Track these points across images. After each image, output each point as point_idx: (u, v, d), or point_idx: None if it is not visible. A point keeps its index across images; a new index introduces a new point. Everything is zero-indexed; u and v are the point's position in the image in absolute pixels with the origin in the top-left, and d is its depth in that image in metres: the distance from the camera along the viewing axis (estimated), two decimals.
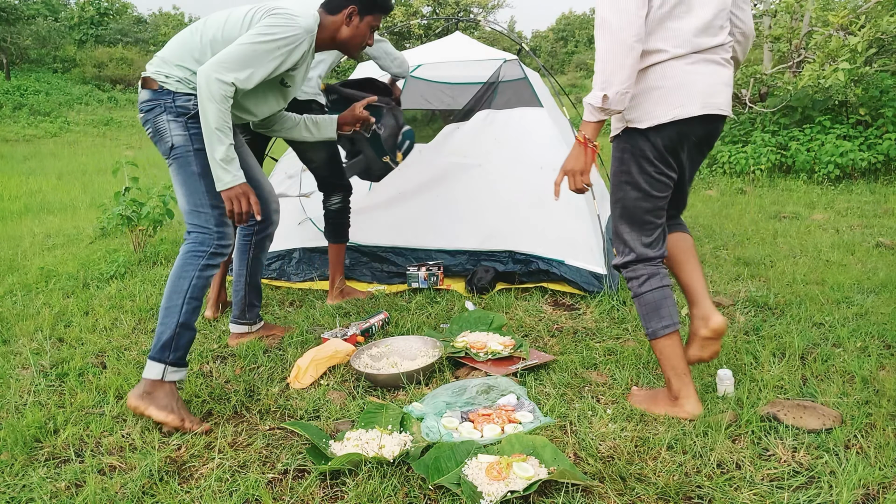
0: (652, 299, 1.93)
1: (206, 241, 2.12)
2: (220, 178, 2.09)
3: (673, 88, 1.79)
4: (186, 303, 2.05)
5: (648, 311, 1.93)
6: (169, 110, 2.12)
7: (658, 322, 1.92)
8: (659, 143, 1.84)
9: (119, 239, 4.88)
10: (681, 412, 1.88)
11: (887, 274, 3.22)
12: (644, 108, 1.82)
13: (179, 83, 2.12)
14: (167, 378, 1.97)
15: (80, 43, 30.58)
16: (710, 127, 1.88)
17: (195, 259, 2.11)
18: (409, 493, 1.56)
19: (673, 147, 1.86)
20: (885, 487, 1.51)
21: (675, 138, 1.84)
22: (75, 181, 9.70)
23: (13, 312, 3.12)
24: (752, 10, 10.91)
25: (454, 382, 2.15)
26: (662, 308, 1.92)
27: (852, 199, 5.87)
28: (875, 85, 7.25)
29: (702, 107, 1.80)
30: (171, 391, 1.97)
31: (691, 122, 1.82)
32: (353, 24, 2.32)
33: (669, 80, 1.79)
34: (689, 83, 1.79)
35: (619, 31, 1.70)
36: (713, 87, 1.82)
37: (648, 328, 1.93)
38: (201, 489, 1.60)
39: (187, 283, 2.07)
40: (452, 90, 4.93)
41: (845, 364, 2.19)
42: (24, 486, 1.64)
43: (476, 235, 3.35)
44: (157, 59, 2.18)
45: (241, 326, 2.66)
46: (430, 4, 27.28)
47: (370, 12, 2.34)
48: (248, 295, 2.64)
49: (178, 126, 2.12)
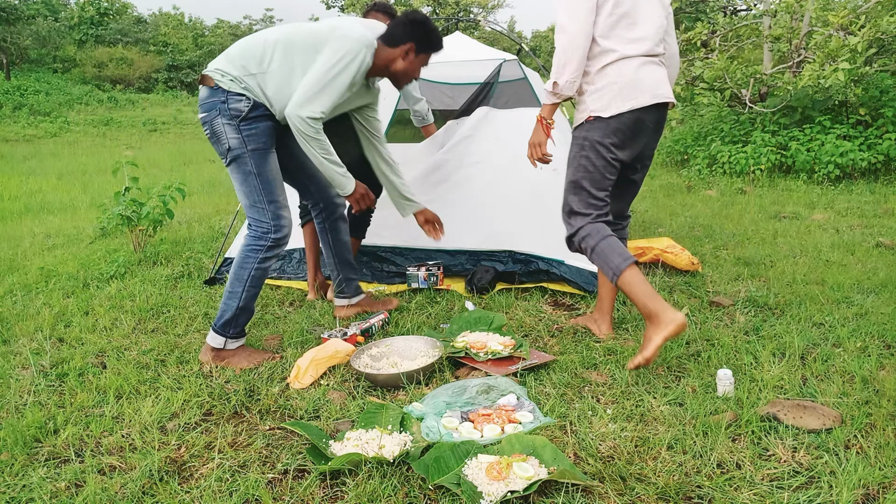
0: (603, 247, 2.21)
1: (263, 235, 2.38)
2: (343, 186, 2.50)
3: (628, 84, 2.18)
4: (246, 290, 2.37)
5: (604, 257, 2.19)
6: (223, 113, 2.31)
7: (615, 260, 2.16)
8: (617, 129, 2.21)
9: (119, 239, 4.88)
10: (668, 327, 2.02)
11: (887, 274, 3.22)
12: (606, 100, 2.19)
13: (233, 82, 2.30)
14: (228, 347, 2.37)
15: (80, 43, 30.58)
16: (660, 113, 2.30)
17: (255, 252, 2.38)
18: (409, 493, 1.56)
19: (630, 132, 2.22)
20: (885, 487, 1.51)
21: (631, 124, 2.21)
22: (75, 181, 9.70)
23: (13, 312, 3.12)
24: (752, 10, 10.91)
25: (454, 382, 2.15)
26: (614, 250, 2.19)
27: (852, 199, 5.87)
28: (875, 85, 7.24)
29: (652, 97, 2.21)
30: (241, 349, 2.40)
31: (646, 110, 2.21)
32: (409, 60, 2.50)
33: (624, 77, 2.18)
34: (639, 79, 2.19)
35: (573, 33, 2.13)
36: (658, 81, 2.24)
37: (610, 270, 2.17)
38: (201, 489, 1.60)
39: (247, 273, 2.37)
40: (452, 90, 4.93)
41: (845, 364, 2.19)
42: (24, 486, 1.64)
43: (476, 235, 3.34)
44: (221, 57, 2.38)
45: (342, 300, 2.92)
46: (430, 4, 27.27)
47: (426, 51, 2.53)
48: (340, 272, 2.87)
49: (232, 129, 2.32)
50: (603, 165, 2.24)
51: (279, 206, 2.38)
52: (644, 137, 2.30)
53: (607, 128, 2.20)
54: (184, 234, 4.98)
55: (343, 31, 2.37)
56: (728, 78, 7.66)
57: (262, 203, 2.36)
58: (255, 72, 2.33)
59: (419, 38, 2.46)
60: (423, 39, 2.47)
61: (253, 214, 2.39)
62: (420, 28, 2.46)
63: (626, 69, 2.18)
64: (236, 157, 2.34)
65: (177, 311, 3.06)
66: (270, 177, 2.38)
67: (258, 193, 2.36)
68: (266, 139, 2.38)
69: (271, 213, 2.36)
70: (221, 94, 2.30)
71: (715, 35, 9.24)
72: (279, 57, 2.34)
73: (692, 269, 3.40)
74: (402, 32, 2.46)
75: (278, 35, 2.38)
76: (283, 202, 2.42)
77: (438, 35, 2.53)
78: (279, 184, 2.42)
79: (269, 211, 2.36)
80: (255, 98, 2.34)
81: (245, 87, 2.32)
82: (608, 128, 2.20)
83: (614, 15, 2.16)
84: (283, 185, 2.46)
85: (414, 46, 2.46)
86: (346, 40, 2.34)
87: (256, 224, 2.38)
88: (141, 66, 29.20)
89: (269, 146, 2.40)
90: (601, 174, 2.25)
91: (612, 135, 2.21)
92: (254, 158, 2.34)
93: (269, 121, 2.39)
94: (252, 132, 2.33)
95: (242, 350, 2.41)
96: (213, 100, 2.31)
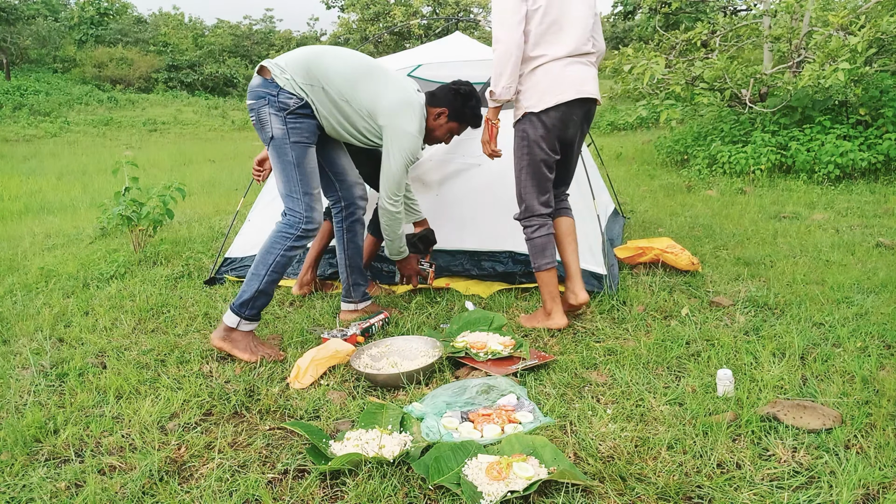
0: (540, 243, 2.64)
1: (295, 224, 2.47)
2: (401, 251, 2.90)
3: (554, 82, 2.49)
4: (268, 275, 2.44)
5: (536, 251, 2.65)
6: (272, 104, 2.42)
7: (543, 259, 2.64)
8: (548, 122, 2.53)
9: (119, 239, 4.88)
10: (552, 323, 2.64)
11: (887, 274, 3.22)
12: (536, 97, 2.51)
13: (288, 82, 2.42)
14: (241, 328, 2.42)
15: (80, 43, 30.58)
16: (586, 108, 2.61)
17: (283, 240, 2.46)
18: (409, 493, 1.56)
19: (560, 125, 2.55)
20: (885, 487, 1.51)
21: (560, 117, 2.53)
22: (75, 181, 9.70)
23: (13, 312, 3.12)
24: (752, 10, 10.91)
25: (454, 382, 2.15)
26: (546, 250, 2.64)
27: (852, 199, 5.87)
28: (875, 85, 7.24)
29: (576, 93, 2.52)
30: (247, 334, 2.43)
31: (571, 105, 2.53)
32: (439, 123, 2.73)
33: (551, 76, 2.49)
34: (564, 77, 2.50)
35: (506, 43, 2.42)
36: (583, 79, 2.54)
37: (535, 264, 2.66)
38: (201, 489, 1.60)
39: (273, 258, 2.45)
40: None
41: (845, 364, 2.18)
42: (24, 486, 1.64)
43: (476, 235, 3.34)
44: (283, 56, 2.51)
45: (348, 304, 2.94)
46: (430, 4, 27.28)
47: (457, 121, 2.75)
48: (349, 276, 2.91)
49: (278, 119, 2.42)
50: (540, 155, 2.59)
51: (313, 199, 2.49)
52: (573, 129, 2.62)
53: (539, 121, 2.54)
54: (184, 234, 4.98)
55: (402, 126, 2.58)
56: (728, 78, 7.66)
57: (297, 193, 2.46)
58: (312, 84, 2.47)
59: (455, 108, 2.70)
60: (457, 108, 2.70)
61: (288, 203, 2.49)
62: (458, 98, 2.70)
63: (554, 69, 2.49)
64: (279, 145, 2.45)
65: (177, 311, 3.06)
66: (308, 169, 2.49)
67: (295, 183, 2.46)
68: (309, 134, 2.50)
69: (305, 203, 2.46)
70: (274, 88, 2.42)
71: (715, 35, 9.25)
72: (334, 89, 2.51)
73: (692, 269, 3.40)
74: (441, 98, 2.71)
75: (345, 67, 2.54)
76: (318, 196, 2.53)
77: (473, 110, 2.74)
78: (315, 177, 2.53)
79: (303, 202, 2.46)
80: (306, 100, 2.47)
81: (298, 91, 2.44)
82: (540, 121, 2.54)
83: (543, 24, 2.45)
84: (318, 179, 2.57)
85: (447, 112, 2.70)
86: (407, 138, 2.59)
87: (291, 213, 2.48)
88: (141, 66, 29.20)
89: (310, 141, 2.52)
90: (540, 162, 2.60)
91: (544, 127, 2.54)
92: (295, 150, 2.45)
93: (313, 119, 2.51)
94: (297, 126, 2.45)
95: (251, 337, 2.45)
96: (265, 90, 2.42)
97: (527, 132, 2.58)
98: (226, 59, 33.59)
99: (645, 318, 2.74)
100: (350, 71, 2.54)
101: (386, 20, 30.07)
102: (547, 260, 2.63)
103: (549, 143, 2.58)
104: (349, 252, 2.89)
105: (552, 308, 2.64)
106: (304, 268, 3.27)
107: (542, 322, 2.67)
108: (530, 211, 2.66)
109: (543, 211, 2.65)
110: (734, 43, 9.38)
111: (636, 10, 21.77)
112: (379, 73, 2.61)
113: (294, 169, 2.46)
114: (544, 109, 2.51)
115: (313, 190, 2.49)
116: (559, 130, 2.56)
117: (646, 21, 16.05)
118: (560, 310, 2.65)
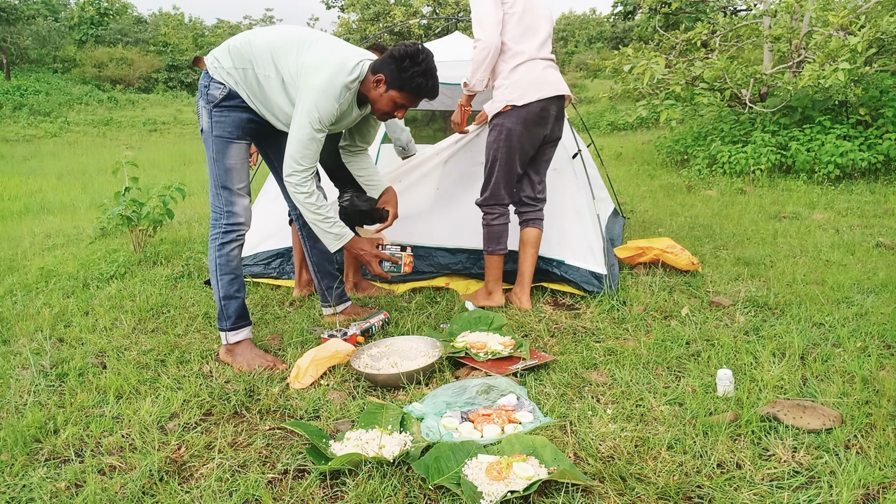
0: (497, 231, 2.90)
1: (217, 220, 2.41)
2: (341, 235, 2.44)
3: (537, 79, 2.76)
4: (218, 279, 2.42)
5: (492, 237, 2.91)
6: (202, 96, 2.38)
7: (495, 245, 2.92)
8: (528, 116, 2.75)
9: (119, 239, 4.88)
10: (492, 301, 2.96)
11: (887, 274, 3.22)
12: (519, 92, 2.74)
13: (217, 70, 2.35)
14: (230, 341, 2.41)
15: (80, 43, 30.58)
16: (559, 104, 2.86)
17: (212, 241, 2.43)
18: (409, 493, 1.56)
19: (538, 118, 2.77)
20: (885, 487, 1.51)
21: (538, 112, 2.76)
22: (75, 181, 9.70)
23: (13, 312, 3.12)
24: (752, 10, 10.91)
25: (454, 382, 2.15)
26: (501, 237, 2.92)
27: (852, 199, 5.87)
28: (875, 85, 7.24)
29: (554, 90, 2.79)
30: (245, 347, 2.42)
31: (549, 100, 2.79)
32: (379, 92, 2.33)
33: (533, 73, 2.76)
34: (543, 77, 2.78)
35: (485, 42, 2.69)
36: (557, 79, 2.84)
37: (488, 248, 2.93)
38: (201, 489, 1.60)
39: (213, 263, 2.43)
40: (452, 90, 4.92)
41: (845, 364, 2.18)
42: (24, 486, 1.64)
43: (476, 234, 3.33)
44: (223, 45, 2.43)
45: (327, 309, 2.92)
46: (430, 4, 27.27)
47: (397, 88, 2.30)
48: (320, 281, 2.86)
49: (205, 113, 2.38)
50: (516, 147, 2.79)
51: (232, 194, 2.40)
52: (548, 124, 2.84)
53: (520, 114, 2.75)
54: (184, 234, 4.98)
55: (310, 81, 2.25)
56: (728, 78, 7.66)
57: (216, 188, 2.40)
58: (245, 67, 2.33)
59: (389, 72, 2.28)
60: (393, 73, 2.27)
61: (211, 199, 2.44)
62: (393, 62, 2.26)
63: (536, 68, 2.77)
64: (205, 139, 2.40)
65: (177, 311, 3.06)
66: (229, 165, 2.38)
67: (214, 178, 2.40)
68: (232, 129, 2.37)
69: (224, 198, 2.40)
70: (206, 79, 2.37)
71: (715, 35, 9.25)
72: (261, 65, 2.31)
73: (692, 269, 3.40)
74: (379, 63, 2.32)
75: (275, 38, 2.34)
76: (240, 191, 2.41)
77: (412, 78, 2.27)
78: (237, 173, 2.40)
79: (222, 196, 2.40)
80: (233, 89, 2.34)
81: (227, 78, 2.34)
82: (520, 114, 2.74)
83: (521, 26, 2.73)
84: (243, 175, 2.43)
85: (384, 78, 2.29)
86: (311, 92, 2.24)
87: (212, 208, 2.43)
88: (141, 66, 29.18)
89: (233, 136, 2.38)
90: (515, 154, 2.80)
91: (523, 121, 2.75)
92: (216, 144, 2.37)
93: (243, 112, 2.38)
94: (220, 119, 2.35)
95: (248, 347, 2.43)
96: (201, 83, 2.40)
97: (505, 125, 2.77)
98: None
99: (645, 318, 2.75)
100: (280, 42, 2.32)
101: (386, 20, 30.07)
102: (500, 246, 2.90)
103: (525, 136, 2.78)
104: (314, 258, 2.80)
105: (493, 289, 2.96)
106: (296, 269, 3.26)
107: (483, 300, 2.97)
108: (495, 199, 2.87)
109: (506, 201, 2.89)
110: (734, 43, 9.38)
111: (636, 10, 21.76)
112: (313, 39, 2.35)
113: (213, 164, 2.38)
114: (526, 104, 2.73)
115: (234, 185, 2.39)
116: (536, 125, 2.78)
117: (646, 21, 16.04)
118: (500, 290, 2.96)
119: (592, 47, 34.64)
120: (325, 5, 33.62)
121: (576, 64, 31.16)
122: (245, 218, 2.45)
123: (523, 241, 2.97)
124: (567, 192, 3.31)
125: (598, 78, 22.77)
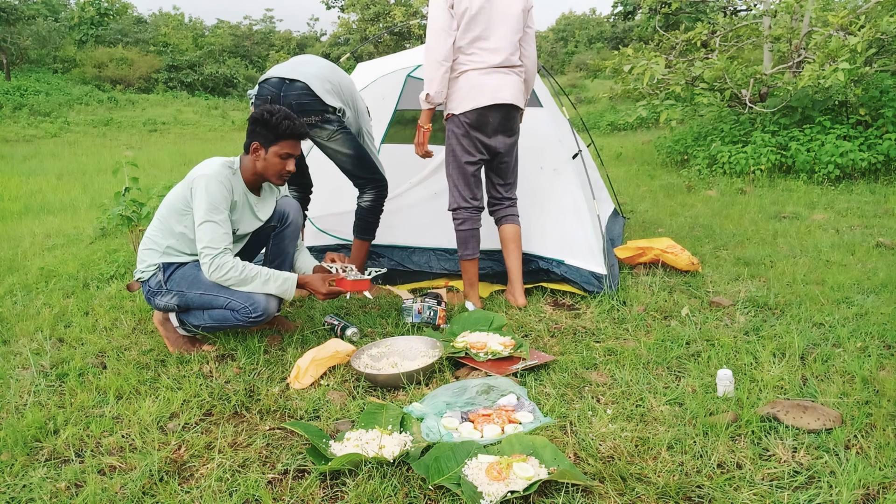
0: (463, 236, 2.93)
1: None
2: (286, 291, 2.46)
3: (473, 88, 2.80)
4: None
5: (460, 242, 2.94)
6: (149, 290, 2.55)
7: (465, 250, 2.93)
8: (467, 124, 2.83)
9: (119, 239, 4.88)
10: (468, 303, 2.94)
11: (887, 274, 3.22)
12: (457, 101, 2.82)
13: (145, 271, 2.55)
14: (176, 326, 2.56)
15: (80, 43, 30.58)
16: (502, 112, 2.86)
17: None
18: (409, 494, 1.56)
19: (477, 126, 2.84)
20: (885, 487, 1.51)
21: (477, 119, 2.82)
22: (75, 181, 9.70)
23: (13, 312, 3.12)
24: (752, 10, 10.91)
25: (454, 382, 2.15)
26: (469, 242, 2.93)
27: (852, 199, 5.87)
28: (875, 85, 7.24)
29: (490, 99, 2.80)
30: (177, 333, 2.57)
31: (486, 109, 2.81)
32: (262, 157, 2.48)
33: (471, 82, 2.80)
34: (481, 85, 2.79)
35: (434, 53, 2.74)
36: (499, 87, 2.81)
37: (459, 253, 2.96)
38: (201, 489, 1.60)
39: None
40: None
41: (845, 364, 2.18)
42: (24, 486, 1.64)
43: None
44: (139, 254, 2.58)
45: None
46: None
47: (273, 143, 2.45)
48: None
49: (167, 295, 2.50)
50: (461, 152, 2.88)
51: None
52: (490, 132, 2.87)
53: (459, 122, 2.84)
54: None
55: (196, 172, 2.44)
56: (728, 78, 7.66)
57: None
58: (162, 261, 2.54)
59: (259, 134, 2.44)
60: (263, 134, 2.43)
61: None
62: (256, 125, 2.44)
63: (473, 77, 2.80)
64: None
65: None
66: None
67: None
68: None
69: None
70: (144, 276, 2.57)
71: (715, 35, 9.25)
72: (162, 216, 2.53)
73: (692, 269, 3.40)
74: (247, 138, 2.49)
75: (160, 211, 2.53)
76: None
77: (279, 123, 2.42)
78: None
79: None
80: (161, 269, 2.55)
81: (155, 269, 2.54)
82: (459, 122, 2.84)
83: (466, 38, 2.75)
84: None
85: (259, 143, 2.45)
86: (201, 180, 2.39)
87: None
88: (141, 67, 29.19)
89: None
90: (462, 158, 2.88)
91: (463, 128, 2.84)
92: None
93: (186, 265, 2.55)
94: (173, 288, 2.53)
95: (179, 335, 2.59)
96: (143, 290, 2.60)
97: (452, 131, 2.88)
98: (226, 59, 33.60)
99: (645, 318, 2.75)
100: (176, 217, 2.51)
101: (386, 20, 30.07)
102: (469, 251, 2.92)
103: (468, 143, 2.86)
104: None
105: (468, 292, 2.98)
106: None
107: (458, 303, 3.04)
108: (456, 204, 2.93)
109: (468, 205, 2.92)
110: (734, 43, 9.39)
111: (636, 10, 21.76)
112: None
113: None
114: (463, 112, 2.81)
115: None
116: (477, 131, 2.84)
117: (646, 21, 16.04)
118: (475, 294, 2.97)
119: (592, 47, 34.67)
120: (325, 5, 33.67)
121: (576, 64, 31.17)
122: None
123: (502, 240, 3.00)
124: (567, 192, 3.31)
125: (598, 78, 22.77)
